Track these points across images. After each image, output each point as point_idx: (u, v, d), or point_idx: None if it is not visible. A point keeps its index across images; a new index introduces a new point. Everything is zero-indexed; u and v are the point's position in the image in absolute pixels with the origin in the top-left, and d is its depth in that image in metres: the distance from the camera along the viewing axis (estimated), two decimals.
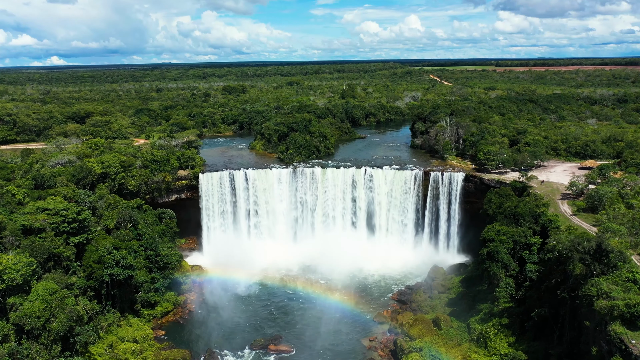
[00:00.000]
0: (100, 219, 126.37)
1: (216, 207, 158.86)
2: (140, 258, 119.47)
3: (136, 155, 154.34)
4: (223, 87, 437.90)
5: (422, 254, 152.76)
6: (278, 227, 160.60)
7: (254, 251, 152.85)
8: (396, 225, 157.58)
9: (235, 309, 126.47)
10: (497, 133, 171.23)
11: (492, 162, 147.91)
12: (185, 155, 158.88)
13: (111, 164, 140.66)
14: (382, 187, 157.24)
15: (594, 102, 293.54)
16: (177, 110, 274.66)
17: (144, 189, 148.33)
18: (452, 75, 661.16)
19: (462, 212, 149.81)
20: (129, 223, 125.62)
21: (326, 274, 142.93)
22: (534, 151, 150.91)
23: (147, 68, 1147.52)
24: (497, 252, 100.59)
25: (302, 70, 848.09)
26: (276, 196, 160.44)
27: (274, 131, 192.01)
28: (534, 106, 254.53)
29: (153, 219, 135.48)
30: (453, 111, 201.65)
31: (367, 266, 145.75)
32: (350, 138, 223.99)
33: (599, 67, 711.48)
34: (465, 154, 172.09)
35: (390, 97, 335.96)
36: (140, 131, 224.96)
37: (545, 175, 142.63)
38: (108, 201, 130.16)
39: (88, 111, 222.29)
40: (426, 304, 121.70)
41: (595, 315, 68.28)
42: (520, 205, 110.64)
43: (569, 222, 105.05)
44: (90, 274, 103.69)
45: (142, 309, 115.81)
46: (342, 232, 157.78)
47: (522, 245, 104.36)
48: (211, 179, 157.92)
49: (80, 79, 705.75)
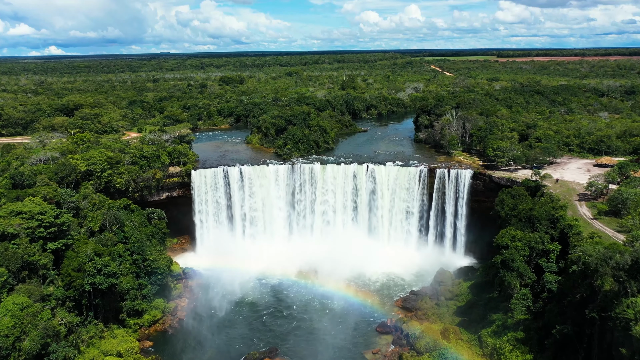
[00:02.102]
0: (85, 221, 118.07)
1: (210, 205, 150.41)
2: (127, 263, 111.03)
3: (124, 150, 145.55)
4: (220, 78, 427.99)
5: (427, 255, 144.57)
6: (275, 227, 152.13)
7: (250, 252, 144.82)
8: (400, 225, 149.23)
9: (229, 316, 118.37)
10: (506, 127, 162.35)
11: (502, 159, 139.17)
12: (177, 151, 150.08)
13: (97, 161, 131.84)
14: (385, 184, 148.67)
15: (601, 93, 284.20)
16: (171, 102, 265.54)
17: (132, 186, 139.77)
18: (453, 66, 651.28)
19: (470, 211, 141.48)
20: (115, 225, 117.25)
21: (325, 277, 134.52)
22: (547, 147, 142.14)
23: (145, 58, 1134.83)
24: (512, 261, 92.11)
25: (301, 60, 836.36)
26: (273, 194, 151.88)
27: (271, 125, 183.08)
28: (541, 98, 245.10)
29: (141, 219, 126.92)
30: (459, 104, 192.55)
31: (369, 268, 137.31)
32: (351, 131, 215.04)
33: (603, 58, 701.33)
34: (472, 150, 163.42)
35: (391, 89, 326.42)
36: (133, 124, 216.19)
37: (559, 173, 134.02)
38: (93, 201, 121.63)
39: (77, 103, 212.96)
40: (433, 312, 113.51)
41: (633, 342, 59.94)
42: (536, 208, 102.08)
43: (590, 227, 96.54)
44: (70, 283, 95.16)
45: (128, 318, 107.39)
46: (342, 233, 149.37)
47: (538, 252, 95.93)
48: (204, 176, 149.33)
49: (76, 69, 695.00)
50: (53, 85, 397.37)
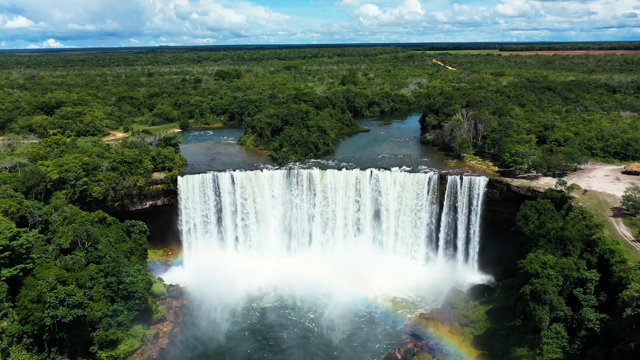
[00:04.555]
0: (54, 237, 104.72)
1: (198, 215, 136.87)
2: (99, 287, 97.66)
3: (103, 155, 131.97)
4: (216, 72, 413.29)
5: (437, 270, 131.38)
6: (270, 239, 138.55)
7: (242, 267, 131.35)
8: (407, 237, 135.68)
9: (216, 344, 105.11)
10: (522, 129, 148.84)
11: (521, 166, 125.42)
12: (162, 155, 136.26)
13: (71, 167, 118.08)
14: (391, 192, 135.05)
15: (612, 89, 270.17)
16: (162, 98, 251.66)
17: (111, 195, 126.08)
18: (455, 60, 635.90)
19: (484, 222, 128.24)
20: (87, 242, 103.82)
21: (325, 296, 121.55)
22: (570, 152, 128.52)
23: (143, 51, 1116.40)
24: (544, 292, 78.65)
25: (300, 54, 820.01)
26: (268, 203, 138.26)
27: (266, 124, 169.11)
28: (552, 95, 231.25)
29: (118, 234, 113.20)
30: (469, 102, 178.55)
31: (373, 287, 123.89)
32: (352, 131, 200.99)
33: (609, 52, 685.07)
34: (485, 153, 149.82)
35: (394, 84, 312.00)
36: (119, 123, 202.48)
37: (585, 181, 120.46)
38: (64, 214, 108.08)
39: (60, 101, 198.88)
40: (446, 341, 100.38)
41: None
42: (568, 227, 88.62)
43: (634, 252, 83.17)
44: (27, 316, 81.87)
45: (100, 350, 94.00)
46: (343, 246, 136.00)
47: (573, 281, 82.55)
48: (192, 183, 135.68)
49: (71, 62, 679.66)
50: (43, 79, 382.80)
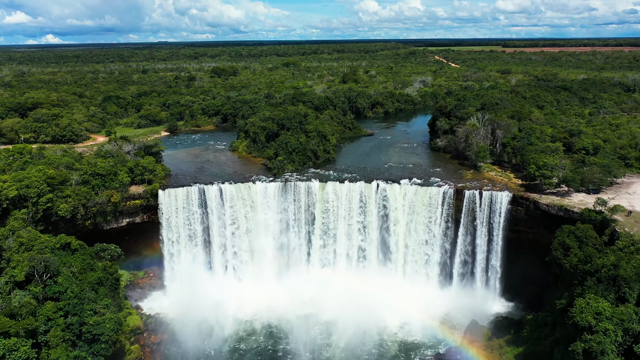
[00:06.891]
0: (7, 267, 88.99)
1: (182, 234, 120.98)
2: (57, 329, 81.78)
3: (73, 166, 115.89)
4: (212, 69, 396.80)
5: (453, 296, 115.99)
6: (263, 261, 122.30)
7: (231, 294, 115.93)
8: (419, 260, 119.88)
9: None
10: (546, 135, 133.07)
11: (550, 180, 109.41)
12: (140, 166, 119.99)
13: (32, 182, 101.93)
14: (400, 208, 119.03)
15: (627, 88, 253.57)
16: (151, 97, 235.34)
17: (81, 213, 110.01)
18: (458, 56, 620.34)
19: (506, 243, 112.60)
20: (46, 274, 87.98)
21: (324, 329, 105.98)
22: (607, 164, 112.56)
23: (141, 47, 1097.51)
24: (602, 353, 62.85)
25: (299, 50, 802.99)
26: (260, 220, 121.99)
27: (261, 129, 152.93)
28: (569, 95, 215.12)
29: (85, 263, 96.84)
30: (484, 104, 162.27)
31: (380, 318, 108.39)
32: (355, 135, 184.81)
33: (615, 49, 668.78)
34: (504, 162, 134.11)
35: (397, 82, 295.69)
36: (102, 125, 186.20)
37: (626, 199, 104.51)
38: (19, 239, 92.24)
39: (36, 101, 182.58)
40: None
41: None
42: (622, 264, 72.73)
43: None
44: None
45: None
46: (346, 270, 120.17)
47: (633, 334, 66.77)
48: (175, 197, 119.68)
49: (64, 58, 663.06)
50: (32, 76, 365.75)
